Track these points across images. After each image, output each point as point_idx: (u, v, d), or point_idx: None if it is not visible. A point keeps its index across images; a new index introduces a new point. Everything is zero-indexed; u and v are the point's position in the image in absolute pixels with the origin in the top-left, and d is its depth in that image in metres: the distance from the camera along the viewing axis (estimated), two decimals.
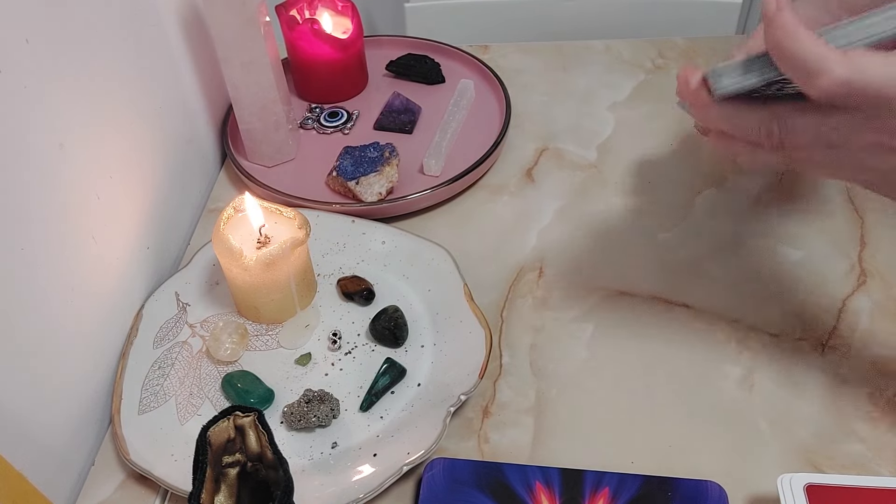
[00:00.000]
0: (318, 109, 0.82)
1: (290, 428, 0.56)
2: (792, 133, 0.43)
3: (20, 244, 0.49)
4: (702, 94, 0.43)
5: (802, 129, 0.42)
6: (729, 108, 0.43)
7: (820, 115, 0.41)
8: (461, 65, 0.85)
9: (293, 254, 0.59)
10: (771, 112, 0.43)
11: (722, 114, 0.44)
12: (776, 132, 0.43)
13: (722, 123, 0.44)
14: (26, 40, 0.49)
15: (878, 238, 0.66)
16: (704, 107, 0.44)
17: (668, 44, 0.88)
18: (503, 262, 0.67)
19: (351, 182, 0.70)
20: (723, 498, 0.50)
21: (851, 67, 0.38)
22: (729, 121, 0.44)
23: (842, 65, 0.38)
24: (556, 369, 0.59)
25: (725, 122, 0.44)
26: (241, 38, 0.67)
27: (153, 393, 0.58)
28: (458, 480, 0.52)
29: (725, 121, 0.44)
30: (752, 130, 0.43)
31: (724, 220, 0.69)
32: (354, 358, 0.60)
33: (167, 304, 0.64)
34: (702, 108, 0.44)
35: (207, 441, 0.41)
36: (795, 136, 0.43)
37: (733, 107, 0.43)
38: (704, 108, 0.44)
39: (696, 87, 0.43)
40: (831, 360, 0.58)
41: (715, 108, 0.44)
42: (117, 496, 0.54)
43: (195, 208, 0.74)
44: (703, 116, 0.45)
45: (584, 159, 0.76)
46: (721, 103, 0.43)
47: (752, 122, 0.43)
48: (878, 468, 0.52)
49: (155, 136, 0.67)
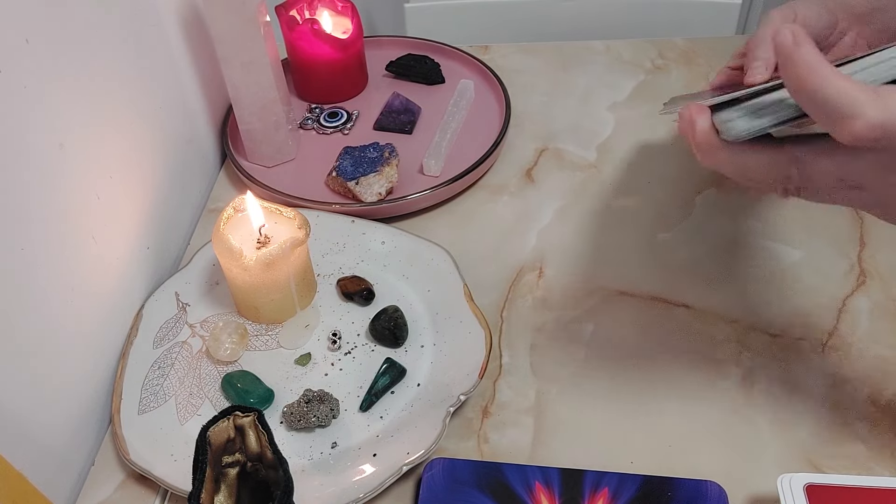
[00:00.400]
0: (318, 109, 0.82)
1: (290, 428, 0.56)
2: (813, 177, 0.39)
3: (20, 244, 0.49)
4: (710, 137, 0.40)
5: (825, 172, 0.39)
6: (740, 152, 0.40)
7: (845, 157, 0.38)
8: (461, 65, 0.85)
9: (293, 254, 0.59)
10: (788, 155, 0.39)
11: (732, 158, 0.40)
12: (795, 177, 0.39)
13: (732, 168, 0.41)
14: (26, 40, 0.49)
15: (878, 238, 0.66)
16: (712, 150, 0.40)
17: (668, 44, 0.88)
18: (503, 262, 0.67)
19: (351, 182, 0.70)
20: (723, 498, 0.50)
21: (886, 110, 0.35)
22: (740, 166, 0.40)
23: (875, 107, 0.35)
24: (556, 369, 0.59)
25: (736, 166, 0.40)
26: (241, 38, 0.67)
27: (153, 393, 0.58)
28: (457, 480, 0.52)
29: (736, 165, 0.40)
30: (766, 175, 0.40)
31: (724, 220, 0.69)
32: (354, 358, 0.60)
33: (167, 304, 0.64)
34: (709, 153, 0.40)
35: (207, 441, 0.41)
36: (816, 180, 0.39)
37: (744, 150, 0.40)
38: (712, 151, 0.40)
39: (704, 129, 0.40)
40: (831, 360, 0.58)
41: (724, 152, 0.40)
42: (117, 496, 0.54)
43: (195, 208, 0.74)
44: (711, 161, 0.41)
45: (583, 159, 0.76)
46: (731, 146, 0.40)
47: (766, 167, 0.40)
48: (878, 468, 0.52)
49: (155, 136, 0.67)
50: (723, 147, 0.40)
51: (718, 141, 0.40)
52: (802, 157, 0.39)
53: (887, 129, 0.35)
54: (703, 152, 0.41)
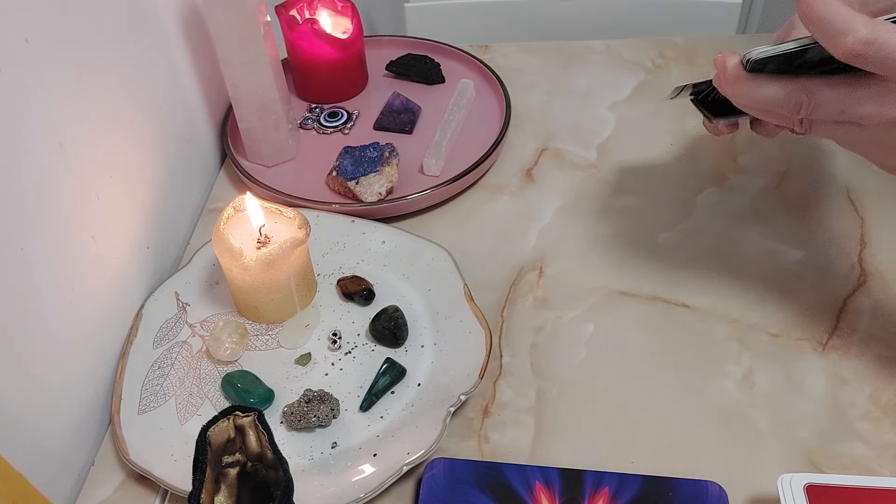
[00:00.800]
0: (318, 109, 0.82)
1: (290, 428, 0.56)
2: (819, 106, 0.45)
3: (20, 244, 0.49)
4: (737, 69, 0.46)
5: (829, 101, 0.45)
6: (760, 81, 0.46)
7: (846, 87, 0.44)
8: (461, 65, 0.85)
9: (293, 254, 0.59)
10: (799, 84, 0.45)
11: (753, 86, 0.46)
12: (805, 103, 0.45)
13: (753, 95, 0.46)
14: (26, 40, 0.49)
15: (878, 238, 0.66)
16: (738, 80, 0.46)
17: (668, 44, 0.88)
18: (503, 262, 0.67)
19: (351, 182, 0.70)
20: (723, 498, 0.50)
21: (876, 28, 0.40)
22: (759, 92, 0.46)
23: (866, 26, 0.40)
24: (556, 369, 0.59)
25: (756, 93, 0.46)
26: (241, 38, 0.67)
27: (153, 393, 0.58)
28: (458, 480, 0.52)
29: (756, 92, 0.46)
30: (781, 102, 0.46)
31: (724, 220, 0.69)
32: (354, 358, 0.60)
33: (167, 304, 0.64)
34: (735, 83, 0.47)
35: (207, 441, 0.41)
36: (822, 109, 0.45)
37: (765, 79, 0.46)
38: (738, 81, 0.46)
39: (734, 63, 0.46)
40: (831, 360, 0.58)
41: (748, 81, 0.46)
42: (117, 496, 0.54)
43: (195, 208, 0.74)
44: (737, 91, 0.47)
45: (583, 159, 0.76)
46: (753, 76, 0.46)
47: (781, 94, 0.46)
48: (878, 468, 0.52)
49: (155, 135, 0.67)
50: (746, 77, 0.46)
51: (744, 72, 0.46)
52: (811, 86, 0.45)
53: (878, 44, 0.40)
54: (730, 83, 0.47)
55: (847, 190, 0.70)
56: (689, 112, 0.80)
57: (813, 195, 0.70)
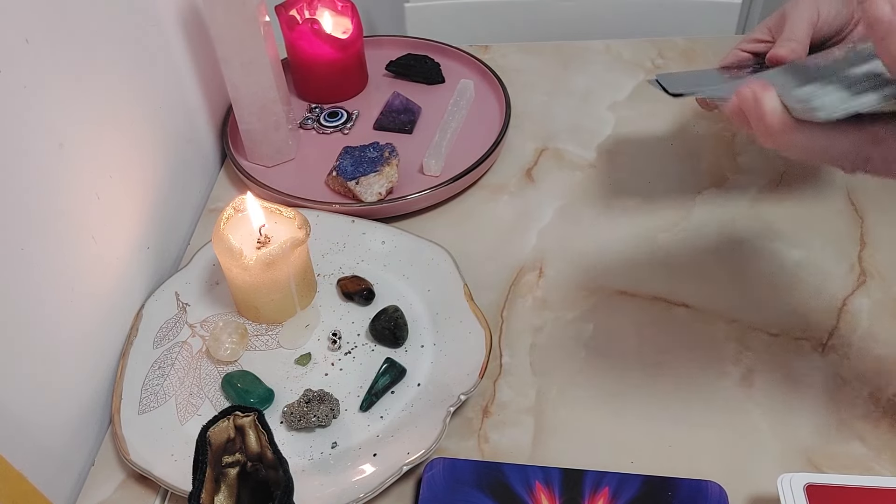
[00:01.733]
0: (318, 109, 0.82)
1: (290, 428, 0.56)
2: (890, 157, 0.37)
3: (20, 244, 0.49)
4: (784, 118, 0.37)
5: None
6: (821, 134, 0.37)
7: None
8: (461, 65, 0.85)
9: (293, 254, 0.59)
10: (871, 136, 0.37)
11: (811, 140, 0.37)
12: (875, 158, 0.37)
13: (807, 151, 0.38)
14: (26, 40, 0.49)
15: (878, 238, 0.66)
16: (786, 132, 0.37)
17: (668, 44, 0.88)
18: (503, 262, 0.67)
19: (351, 182, 0.70)
20: (723, 498, 0.50)
21: None
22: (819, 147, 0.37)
23: None
24: (556, 369, 0.59)
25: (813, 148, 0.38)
26: (241, 38, 0.67)
27: (153, 393, 0.58)
28: (458, 480, 0.52)
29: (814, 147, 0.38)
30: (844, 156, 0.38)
31: (724, 220, 0.69)
32: (354, 358, 0.60)
33: (167, 304, 0.64)
34: (782, 134, 0.37)
35: (207, 441, 0.41)
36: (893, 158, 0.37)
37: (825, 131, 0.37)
38: (785, 133, 0.37)
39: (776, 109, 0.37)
40: (831, 360, 0.58)
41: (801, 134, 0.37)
42: (117, 496, 0.54)
43: (195, 208, 0.74)
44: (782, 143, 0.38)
45: (583, 159, 0.76)
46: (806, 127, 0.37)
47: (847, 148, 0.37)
48: (878, 468, 0.52)
49: (155, 135, 0.67)
50: (797, 128, 0.37)
51: (793, 122, 0.37)
52: (885, 137, 0.37)
53: None
54: (774, 135, 0.38)
55: (847, 190, 0.70)
56: (689, 112, 0.80)
57: (813, 195, 0.70)
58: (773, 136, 0.38)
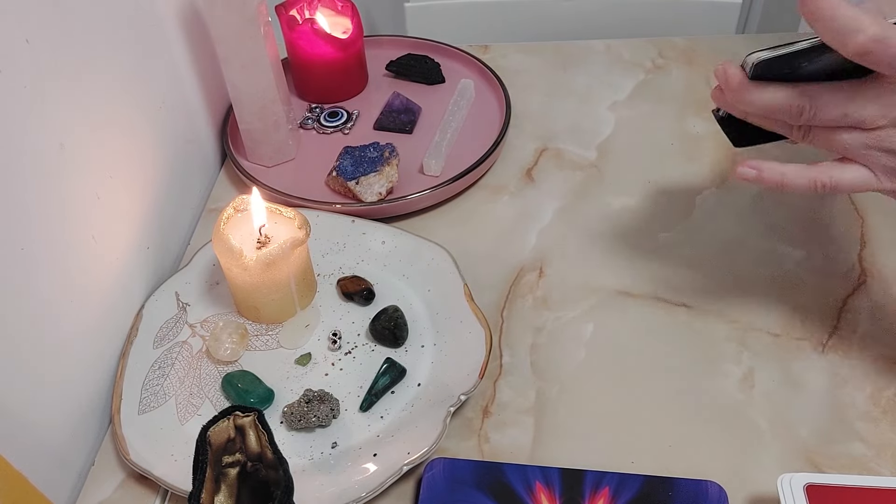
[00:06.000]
0: (318, 109, 0.82)
1: (290, 428, 0.56)
2: (821, 110, 0.46)
3: (20, 244, 0.49)
4: (740, 76, 0.47)
5: (831, 104, 0.45)
6: (763, 88, 0.47)
7: (850, 90, 0.45)
8: (461, 65, 0.85)
9: (293, 254, 0.59)
10: (801, 90, 0.46)
11: (756, 92, 0.47)
12: (807, 107, 0.46)
13: (756, 102, 0.47)
14: (26, 40, 0.49)
15: (878, 238, 0.66)
16: (741, 88, 0.47)
17: (668, 44, 0.88)
18: (503, 262, 0.67)
19: (351, 182, 0.70)
20: (723, 498, 0.50)
21: (885, 27, 0.41)
22: (762, 98, 0.47)
23: (876, 24, 0.41)
24: (556, 369, 0.59)
25: (759, 99, 0.47)
26: (241, 38, 0.67)
27: (153, 393, 0.58)
28: (458, 480, 0.52)
29: (759, 98, 0.47)
30: (782, 108, 0.47)
31: (724, 220, 0.69)
32: (354, 358, 0.60)
33: (167, 304, 0.64)
34: (738, 90, 0.47)
35: (207, 441, 0.41)
36: (824, 113, 0.46)
37: (766, 85, 0.47)
38: (741, 88, 0.47)
39: (735, 72, 0.47)
40: (831, 360, 0.58)
41: (750, 87, 0.47)
42: (117, 496, 0.54)
43: (195, 208, 0.74)
44: (739, 98, 0.48)
45: (583, 159, 0.76)
46: (756, 83, 0.47)
47: (783, 98, 0.46)
48: (878, 468, 0.52)
49: (155, 135, 0.67)
50: (749, 85, 0.47)
51: (746, 79, 0.47)
52: (812, 91, 0.46)
53: (885, 42, 0.41)
54: (733, 90, 0.48)
55: None
56: (689, 112, 0.80)
57: (813, 195, 0.70)
58: (731, 91, 0.48)
